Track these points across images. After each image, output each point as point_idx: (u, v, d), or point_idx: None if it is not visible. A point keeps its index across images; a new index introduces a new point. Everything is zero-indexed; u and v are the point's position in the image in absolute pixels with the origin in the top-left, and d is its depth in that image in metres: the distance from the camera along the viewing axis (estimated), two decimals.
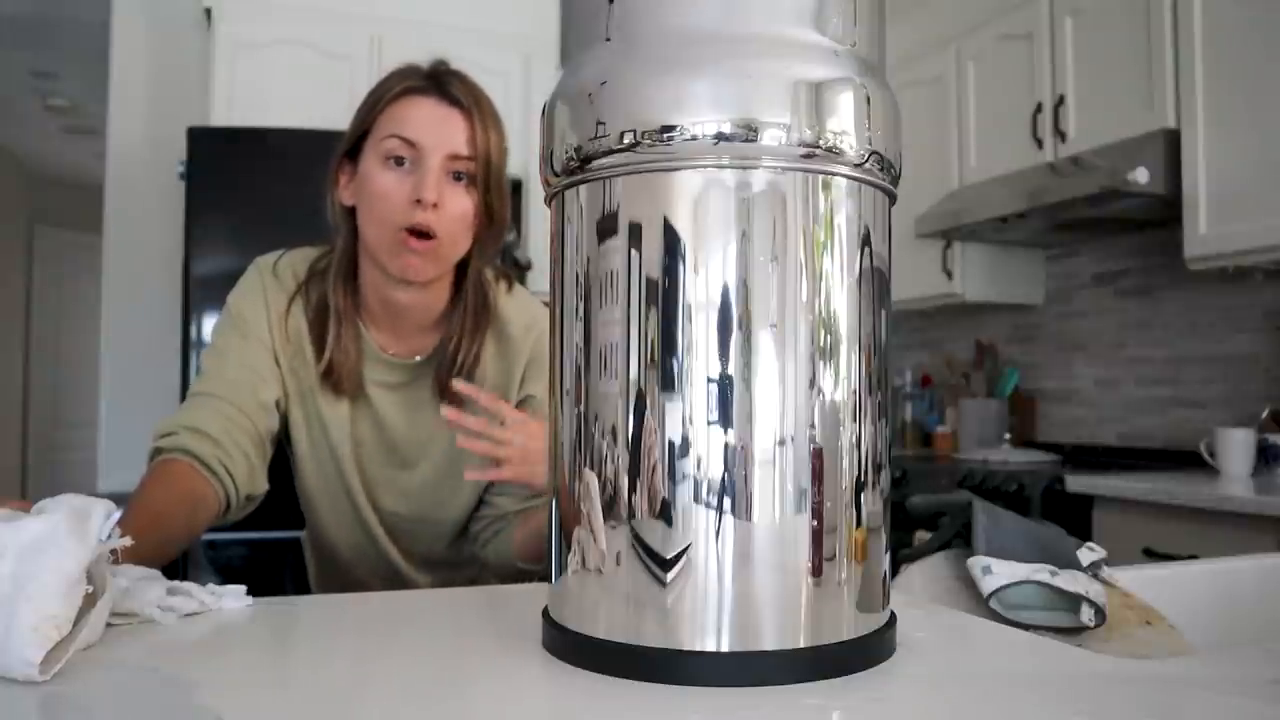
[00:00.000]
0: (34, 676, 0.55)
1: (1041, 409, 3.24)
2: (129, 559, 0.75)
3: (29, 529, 0.60)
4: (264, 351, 1.13)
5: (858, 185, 0.60)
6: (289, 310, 1.14)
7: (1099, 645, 0.78)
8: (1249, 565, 1.04)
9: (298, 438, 1.17)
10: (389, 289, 1.12)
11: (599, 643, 0.58)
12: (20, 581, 0.58)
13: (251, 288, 1.15)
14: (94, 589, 0.63)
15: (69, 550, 0.60)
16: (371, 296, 1.14)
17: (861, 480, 0.60)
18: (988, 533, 0.87)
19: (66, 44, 4.46)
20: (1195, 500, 2.00)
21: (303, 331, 1.14)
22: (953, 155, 3.14)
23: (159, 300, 3.42)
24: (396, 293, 1.12)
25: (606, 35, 0.61)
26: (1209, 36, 2.29)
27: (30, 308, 6.30)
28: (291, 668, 0.66)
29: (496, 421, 1.09)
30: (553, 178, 0.64)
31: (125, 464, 3.42)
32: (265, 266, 1.17)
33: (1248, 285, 2.52)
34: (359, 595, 0.86)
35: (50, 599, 0.58)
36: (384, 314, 1.15)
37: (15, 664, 0.55)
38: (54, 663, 0.57)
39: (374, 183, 1.06)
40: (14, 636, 0.55)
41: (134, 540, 0.68)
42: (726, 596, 0.56)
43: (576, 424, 0.61)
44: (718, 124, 0.56)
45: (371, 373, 1.16)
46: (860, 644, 0.59)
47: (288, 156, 2.80)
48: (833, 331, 0.58)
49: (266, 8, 3.20)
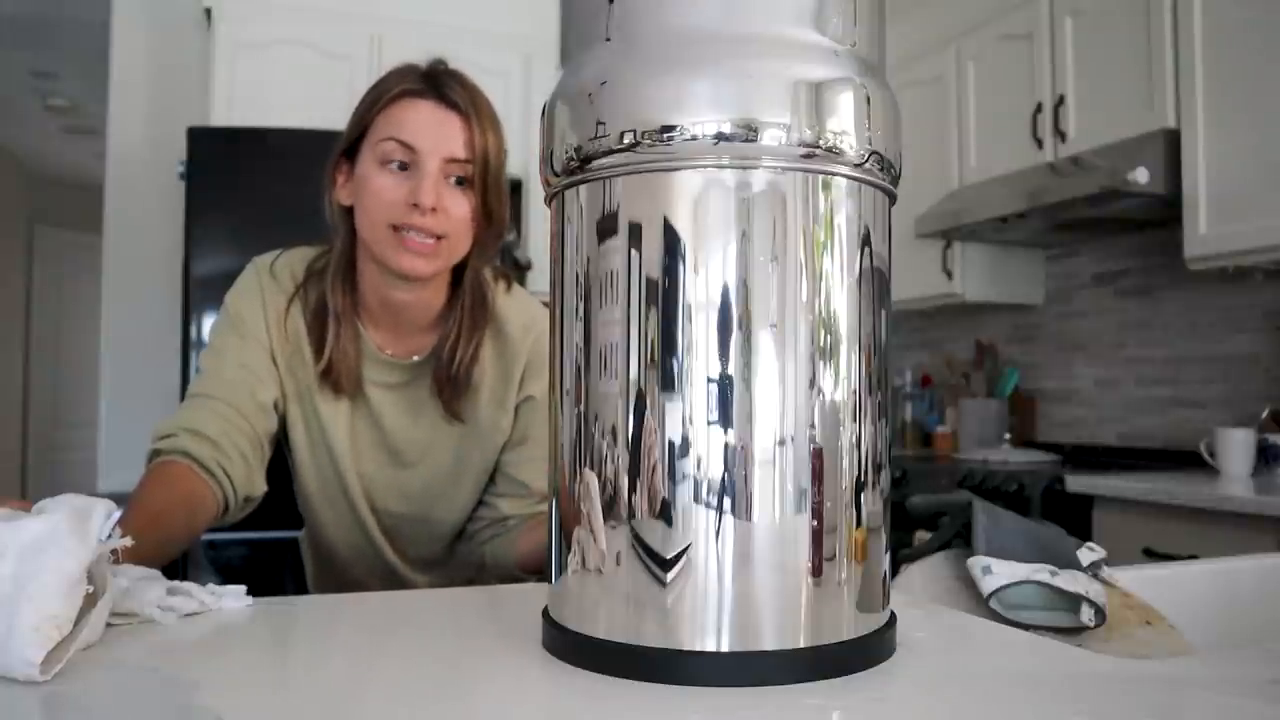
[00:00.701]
0: (35, 676, 0.55)
1: (1041, 409, 3.24)
2: (129, 559, 0.75)
3: (29, 529, 0.60)
4: (262, 352, 1.12)
5: (858, 185, 0.60)
6: (287, 310, 1.14)
7: (1099, 645, 0.78)
8: (1249, 565, 1.04)
9: (296, 437, 1.16)
10: (387, 288, 1.11)
11: (599, 643, 0.58)
12: (21, 581, 0.58)
13: (249, 288, 1.15)
14: (94, 589, 0.63)
15: (70, 550, 0.60)
16: (370, 296, 1.14)
17: (861, 480, 0.60)
18: (988, 533, 0.87)
19: (66, 44, 4.46)
20: (1195, 500, 2.00)
21: (301, 331, 1.14)
22: (953, 155, 3.14)
23: (159, 300, 3.42)
24: (395, 292, 1.11)
25: (606, 35, 0.61)
26: (1209, 36, 2.29)
27: (30, 308, 6.30)
28: (291, 668, 0.66)
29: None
30: (553, 178, 0.64)
31: (125, 464, 3.42)
32: (263, 266, 1.17)
33: (1248, 285, 2.52)
34: (358, 595, 0.86)
35: (51, 599, 0.58)
36: (382, 313, 1.15)
37: (16, 664, 0.55)
38: (54, 662, 0.57)
39: (371, 184, 1.06)
40: (15, 636, 0.55)
41: (134, 540, 0.68)
42: (726, 596, 0.56)
43: (576, 424, 0.61)
44: (718, 124, 0.56)
45: (370, 373, 1.16)
46: (860, 644, 0.59)
47: (288, 156, 2.80)
48: (833, 331, 0.58)
49: (266, 8, 3.20)
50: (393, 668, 0.61)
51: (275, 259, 1.18)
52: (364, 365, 1.15)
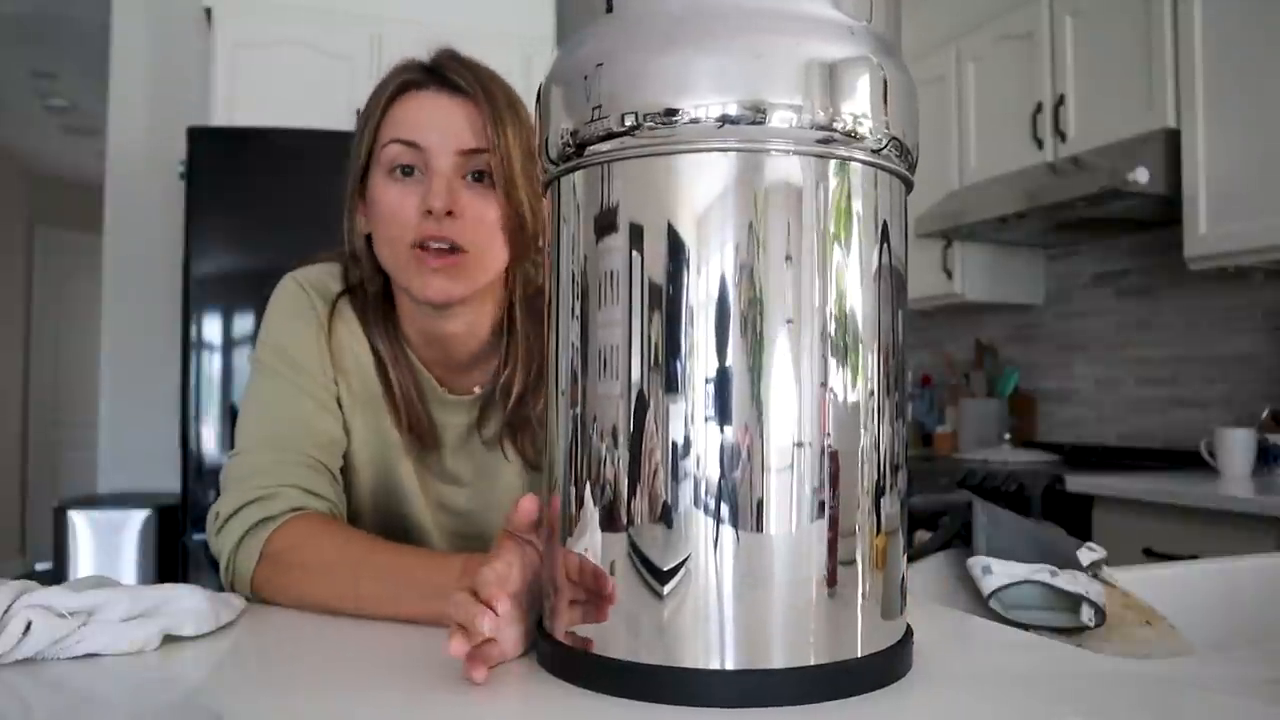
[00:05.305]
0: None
1: (1041, 409, 3.24)
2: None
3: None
4: (320, 384, 0.97)
5: (874, 172, 0.56)
6: (331, 329, 0.99)
7: (1099, 645, 0.78)
8: (1249, 565, 1.03)
9: (358, 445, 1.01)
10: (423, 319, 0.97)
11: (595, 659, 0.55)
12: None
13: (295, 313, 0.99)
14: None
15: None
16: (411, 330, 0.99)
17: (881, 484, 0.56)
18: (988, 533, 0.87)
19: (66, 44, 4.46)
20: (1195, 500, 2.00)
21: (343, 344, 0.99)
22: (953, 155, 3.14)
23: (159, 300, 3.42)
24: (434, 323, 0.96)
25: (608, 6, 0.57)
26: (1209, 36, 2.29)
27: (30, 308, 6.29)
28: (292, 669, 0.65)
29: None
30: (549, 165, 0.60)
31: (125, 464, 3.42)
32: (304, 286, 1.00)
33: (1248, 285, 2.52)
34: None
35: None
36: (427, 349, 1.00)
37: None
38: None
39: (381, 201, 0.92)
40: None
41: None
42: (731, 611, 0.52)
43: (573, 427, 0.58)
44: (723, 105, 0.52)
45: (439, 414, 1.01)
46: (876, 660, 0.55)
47: (288, 156, 2.80)
48: (851, 328, 0.55)
49: (266, 8, 3.19)
50: (384, 681, 0.60)
51: (307, 278, 1.01)
52: (433, 409, 1.01)
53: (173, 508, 3.04)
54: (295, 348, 0.97)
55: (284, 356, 0.97)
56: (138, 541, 3.06)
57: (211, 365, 2.88)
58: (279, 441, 0.92)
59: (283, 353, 0.97)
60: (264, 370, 0.97)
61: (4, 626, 0.59)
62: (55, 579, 1.31)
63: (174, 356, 3.08)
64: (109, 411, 3.46)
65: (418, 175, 0.92)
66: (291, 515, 0.86)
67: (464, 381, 1.02)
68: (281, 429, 0.94)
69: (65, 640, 0.60)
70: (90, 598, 0.63)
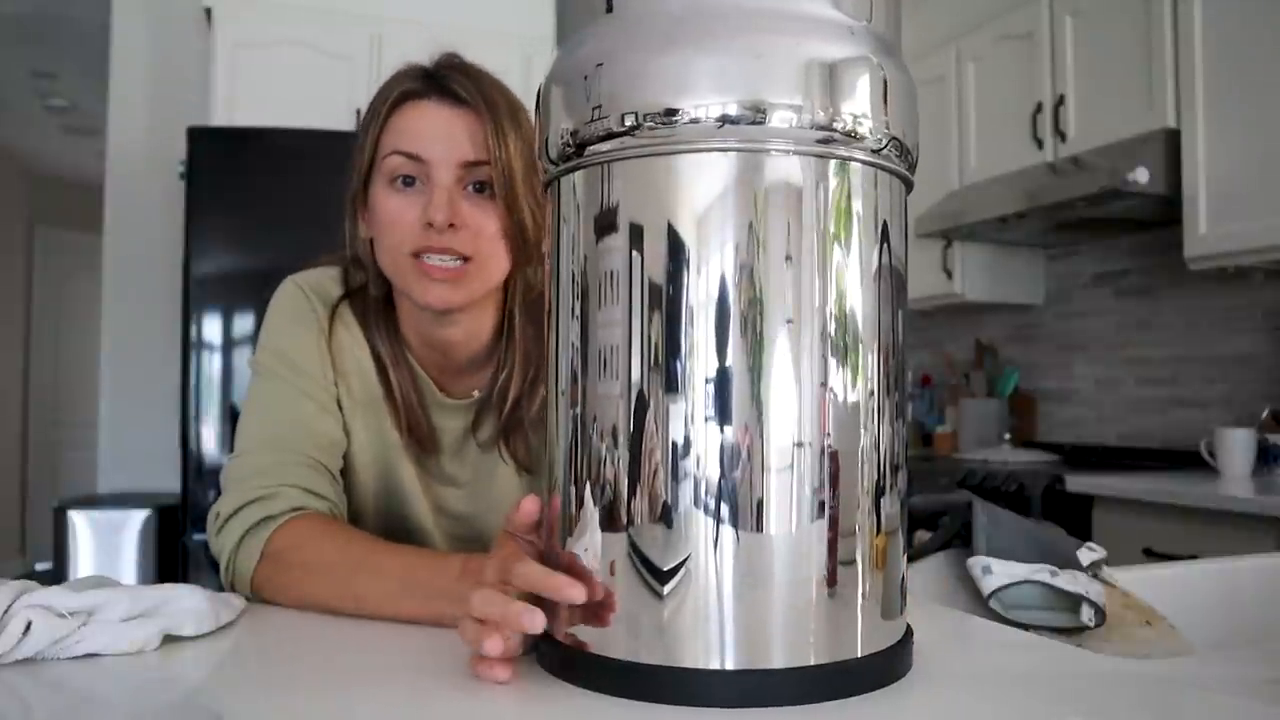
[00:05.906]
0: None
1: (1041, 409, 3.24)
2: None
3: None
4: (321, 386, 0.98)
5: (874, 172, 0.56)
6: (331, 332, 1.00)
7: (1099, 645, 0.78)
8: (1249, 565, 1.03)
9: (358, 448, 1.02)
10: (424, 325, 0.98)
11: (593, 659, 0.55)
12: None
13: (296, 317, 1.00)
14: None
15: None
16: (411, 335, 1.01)
17: (881, 484, 0.56)
18: (988, 533, 0.87)
19: (66, 44, 4.46)
20: (1195, 500, 2.00)
21: (344, 346, 1.00)
22: (953, 155, 3.14)
23: (159, 300, 3.42)
24: (435, 329, 0.98)
25: (608, 6, 0.57)
26: (1209, 36, 2.29)
27: (30, 308, 6.29)
28: (292, 669, 0.65)
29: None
30: (549, 165, 0.60)
31: (125, 464, 3.42)
32: (304, 289, 1.01)
33: (1248, 285, 2.52)
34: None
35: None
36: (427, 353, 1.01)
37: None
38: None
39: (382, 210, 0.93)
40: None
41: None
42: (731, 610, 0.52)
43: (573, 427, 0.58)
44: (723, 105, 0.52)
45: (437, 418, 1.02)
46: (876, 660, 0.55)
47: (288, 156, 2.80)
48: (851, 328, 0.55)
49: (266, 8, 3.19)
50: (385, 681, 0.60)
51: (308, 283, 1.02)
52: (432, 414, 1.02)
53: (173, 508, 3.04)
54: (295, 351, 0.98)
55: (284, 360, 0.97)
56: (138, 541, 3.06)
57: (211, 365, 2.88)
58: (280, 442, 0.93)
59: (283, 356, 0.97)
60: (264, 373, 0.98)
61: (4, 626, 0.59)
62: (55, 579, 1.31)
63: (174, 356, 3.08)
64: (109, 411, 3.46)
65: (419, 186, 0.92)
66: (292, 515, 0.87)
67: (461, 385, 1.03)
68: (282, 430, 0.94)
69: (65, 640, 0.61)
70: (90, 598, 0.63)
